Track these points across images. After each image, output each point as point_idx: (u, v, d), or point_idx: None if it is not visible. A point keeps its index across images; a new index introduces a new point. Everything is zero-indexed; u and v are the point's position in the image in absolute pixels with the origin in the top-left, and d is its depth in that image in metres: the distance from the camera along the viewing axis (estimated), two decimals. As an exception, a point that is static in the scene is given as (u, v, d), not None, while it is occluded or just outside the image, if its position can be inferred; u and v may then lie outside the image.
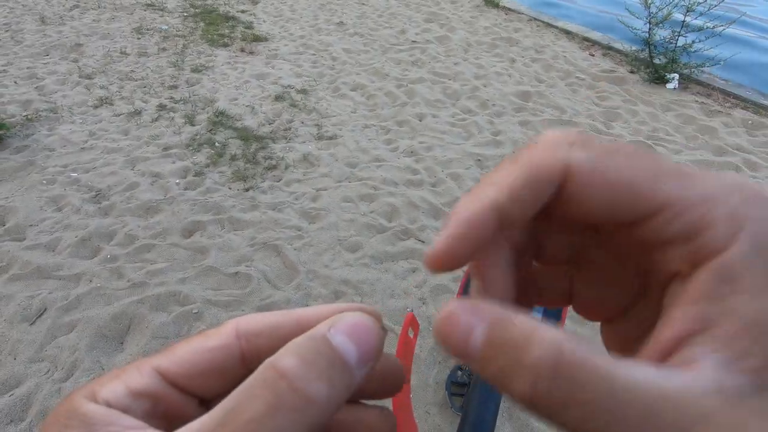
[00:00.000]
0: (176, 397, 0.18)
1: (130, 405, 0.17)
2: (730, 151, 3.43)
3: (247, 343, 0.19)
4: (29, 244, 2.43)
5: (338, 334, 0.16)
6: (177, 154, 3.20)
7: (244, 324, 0.19)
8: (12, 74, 4.05)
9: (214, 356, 0.18)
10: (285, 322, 0.19)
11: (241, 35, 5.16)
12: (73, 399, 0.17)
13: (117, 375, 0.18)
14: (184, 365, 0.18)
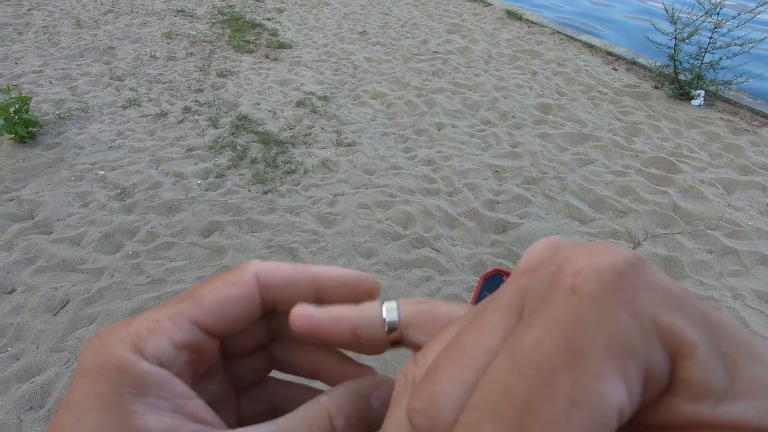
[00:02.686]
0: (206, 342, 0.20)
1: (176, 359, 0.18)
2: (756, 170, 3.34)
3: (266, 292, 0.20)
4: (56, 237, 2.52)
5: (378, 401, 0.19)
6: (200, 156, 3.28)
7: (264, 274, 0.20)
8: (48, 75, 4.22)
9: (241, 305, 0.20)
10: (301, 279, 0.21)
11: (266, 42, 5.27)
12: (117, 349, 0.17)
13: (158, 327, 0.18)
14: (215, 315, 0.19)
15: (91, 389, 0.16)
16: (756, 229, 2.79)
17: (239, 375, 0.24)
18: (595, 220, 2.86)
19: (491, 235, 2.72)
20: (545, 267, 0.15)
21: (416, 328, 0.19)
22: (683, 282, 2.44)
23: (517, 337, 0.14)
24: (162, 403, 0.17)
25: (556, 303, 0.13)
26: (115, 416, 0.16)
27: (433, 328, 0.19)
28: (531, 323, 0.13)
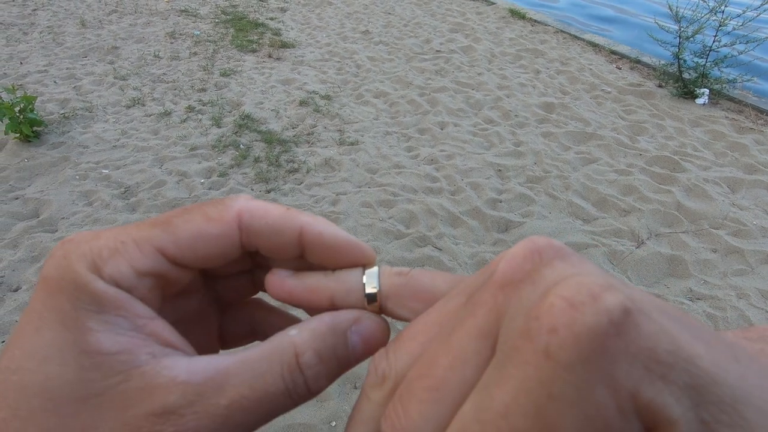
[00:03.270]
0: (176, 272, 0.18)
1: (136, 285, 0.17)
2: (761, 169, 3.32)
3: (247, 235, 0.19)
4: (61, 235, 2.53)
5: (356, 336, 0.18)
6: (203, 155, 3.29)
7: (248, 217, 0.19)
8: (52, 74, 4.24)
9: (216, 243, 0.18)
10: (287, 229, 0.19)
11: (269, 41, 5.28)
12: (77, 265, 0.16)
13: (116, 249, 0.17)
14: (184, 248, 0.18)
15: (50, 302, 0.16)
16: (761, 228, 2.77)
17: (222, 294, 0.22)
18: (599, 219, 2.85)
19: (494, 233, 2.71)
20: (524, 290, 0.14)
21: (396, 301, 0.19)
22: (687, 282, 2.43)
23: (487, 391, 0.13)
24: (120, 321, 0.16)
25: (529, 363, 0.12)
26: (71, 331, 0.15)
27: (414, 302, 0.18)
28: (502, 377, 0.13)
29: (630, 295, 0.13)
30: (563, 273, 0.13)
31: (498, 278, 0.14)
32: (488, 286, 0.15)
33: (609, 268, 2.49)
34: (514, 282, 0.14)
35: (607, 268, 2.49)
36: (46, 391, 0.15)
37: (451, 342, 0.15)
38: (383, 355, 0.17)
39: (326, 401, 1.78)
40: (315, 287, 0.19)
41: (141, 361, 0.15)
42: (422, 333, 0.16)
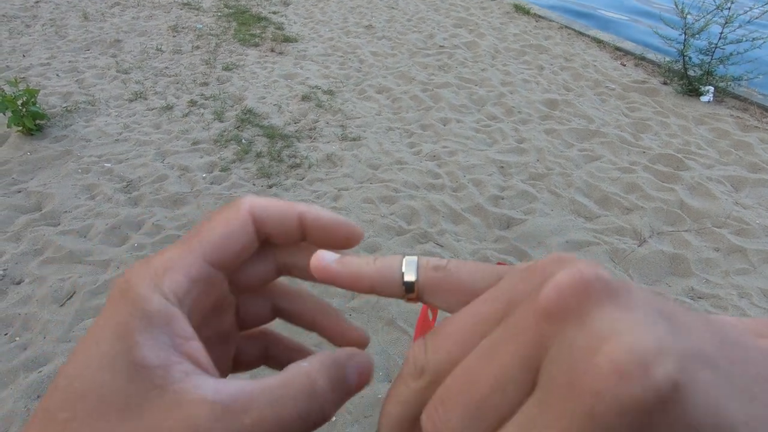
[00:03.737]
0: (216, 275, 0.22)
1: (190, 291, 0.20)
2: (765, 167, 3.30)
3: (260, 225, 0.23)
4: (63, 229, 2.54)
5: (353, 369, 0.21)
6: (205, 149, 3.29)
7: (257, 209, 0.23)
8: (55, 67, 4.24)
9: (239, 238, 0.22)
10: (289, 216, 0.23)
11: (272, 36, 5.26)
12: (138, 285, 0.19)
13: (174, 264, 0.20)
14: (220, 249, 0.21)
15: (110, 317, 0.18)
16: (764, 227, 2.76)
17: (246, 317, 0.26)
18: (601, 217, 2.84)
19: (495, 230, 2.71)
20: (570, 329, 0.14)
21: (432, 293, 0.20)
22: (689, 280, 2.42)
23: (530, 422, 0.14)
24: (165, 338, 0.18)
25: (572, 413, 0.13)
26: (122, 343, 0.17)
27: (451, 296, 0.20)
28: (545, 421, 0.13)
29: (683, 354, 0.13)
30: (613, 323, 0.13)
31: (543, 306, 0.14)
32: (532, 311, 0.15)
33: (611, 266, 2.49)
34: (559, 315, 0.14)
35: (609, 266, 2.48)
36: (99, 396, 0.17)
37: (494, 363, 0.15)
38: (421, 348, 0.18)
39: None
40: (357, 275, 0.21)
41: (175, 378, 0.17)
42: (459, 333, 0.17)
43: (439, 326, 0.18)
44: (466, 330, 0.17)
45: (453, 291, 0.20)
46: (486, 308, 0.17)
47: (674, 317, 0.14)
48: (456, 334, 0.17)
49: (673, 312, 0.14)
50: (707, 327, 0.14)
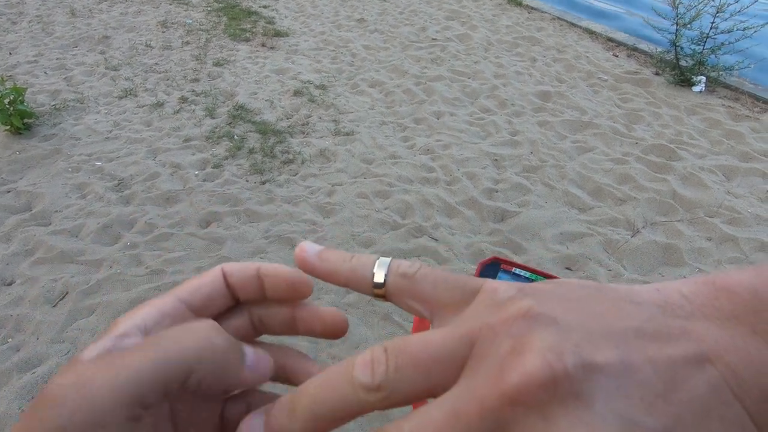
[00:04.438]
0: (189, 315, 0.24)
1: (159, 320, 0.23)
2: (757, 157, 3.33)
3: (228, 278, 0.25)
4: (54, 229, 2.51)
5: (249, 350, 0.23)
6: (197, 146, 3.27)
7: (227, 268, 0.26)
8: (42, 65, 4.18)
9: (211, 286, 0.25)
10: (250, 268, 0.25)
11: (263, 30, 5.21)
12: (119, 319, 0.23)
13: (150, 303, 0.24)
14: (192, 293, 0.24)
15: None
16: (755, 216, 2.78)
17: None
18: (594, 208, 2.85)
19: (490, 223, 2.71)
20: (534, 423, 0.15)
21: (397, 297, 0.22)
22: (681, 270, 2.44)
23: None
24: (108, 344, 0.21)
25: None
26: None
27: (413, 303, 0.21)
28: None
29: None
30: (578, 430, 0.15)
31: (510, 391, 0.16)
32: (498, 391, 0.16)
33: (604, 257, 2.50)
34: (525, 404, 0.15)
35: (603, 257, 2.50)
36: None
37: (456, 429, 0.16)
38: (382, 359, 0.18)
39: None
40: (333, 270, 0.23)
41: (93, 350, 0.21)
42: (423, 365, 0.18)
43: (405, 342, 0.19)
44: (432, 364, 0.18)
45: (416, 299, 0.21)
46: (453, 345, 0.18)
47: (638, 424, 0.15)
48: (422, 366, 0.18)
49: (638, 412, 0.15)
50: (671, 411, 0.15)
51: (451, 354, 0.18)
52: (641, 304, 0.18)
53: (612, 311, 0.18)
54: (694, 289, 0.18)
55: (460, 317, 0.19)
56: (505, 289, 0.19)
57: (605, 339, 0.16)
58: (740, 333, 0.16)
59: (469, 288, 0.20)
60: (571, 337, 0.16)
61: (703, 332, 0.17)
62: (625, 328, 0.17)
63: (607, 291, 0.19)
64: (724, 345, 0.16)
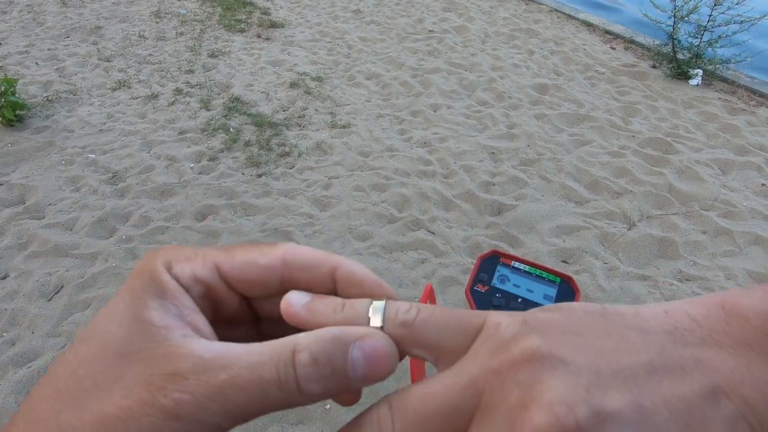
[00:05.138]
0: (224, 290, 0.23)
1: (191, 286, 0.22)
2: (753, 150, 3.34)
3: (288, 271, 0.23)
4: (48, 222, 2.49)
5: (358, 351, 0.19)
6: (192, 139, 3.24)
7: (291, 255, 0.23)
8: (33, 55, 4.11)
9: (261, 272, 0.23)
10: (324, 266, 0.23)
11: (258, 21, 5.15)
12: (156, 263, 0.22)
13: (189, 257, 0.22)
14: (236, 270, 0.23)
15: (131, 284, 0.21)
16: (750, 209, 2.80)
17: (263, 334, 0.27)
18: (591, 202, 2.86)
19: (487, 217, 2.71)
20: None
21: (399, 347, 0.20)
22: (677, 263, 2.45)
23: None
24: (171, 307, 0.20)
25: None
26: (135, 304, 0.20)
27: (416, 350, 0.20)
28: None
29: None
30: None
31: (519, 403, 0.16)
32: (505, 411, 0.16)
33: (600, 250, 2.51)
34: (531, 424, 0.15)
35: (599, 250, 2.51)
36: (102, 343, 0.19)
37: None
38: (387, 418, 0.18)
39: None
40: (325, 323, 0.21)
41: (174, 337, 0.19)
42: (431, 422, 0.18)
43: (409, 399, 0.18)
44: (438, 420, 0.18)
45: (418, 346, 0.20)
46: (457, 398, 0.18)
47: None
48: (429, 424, 0.18)
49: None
50: None
51: (456, 408, 0.18)
52: (650, 333, 0.17)
53: (621, 345, 0.17)
54: (704, 311, 0.18)
55: (464, 361, 0.19)
56: (508, 323, 0.19)
57: (616, 381, 0.16)
58: (754, 362, 0.16)
59: (472, 328, 0.20)
60: (580, 382, 0.16)
61: (716, 362, 0.16)
62: (636, 366, 0.16)
63: (613, 317, 0.18)
64: (739, 377, 0.16)
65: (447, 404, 0.18)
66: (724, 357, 0.16)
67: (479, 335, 0.19)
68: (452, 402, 0.18)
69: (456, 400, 0.18)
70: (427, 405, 0.18)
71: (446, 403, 0.18)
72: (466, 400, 0.18)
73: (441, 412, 0.18)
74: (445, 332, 0.20)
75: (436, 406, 0.18)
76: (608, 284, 2.30)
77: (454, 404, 0.18)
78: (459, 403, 0.18)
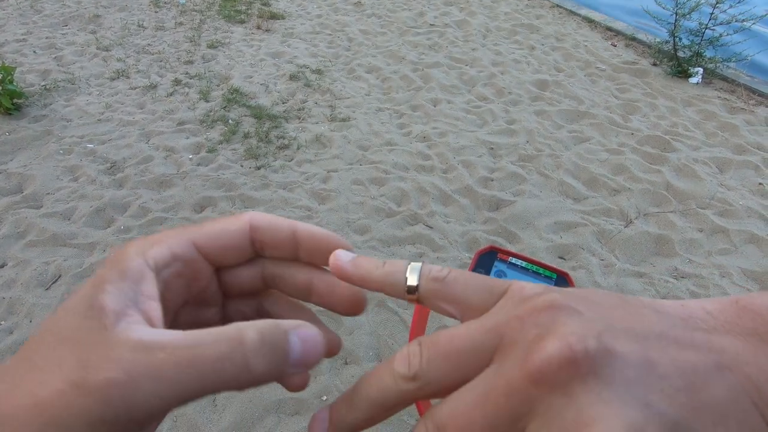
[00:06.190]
0: (201, 263, 0.24)
1: (170, 263, 0.23)
2: (751, 149, 3.35)
3: (255, 233, 0.25)
4: (46, 211, 2.49)
5: (295, 336, 0.21)
6: (191, 130, 3.23)
7: (257, 220, 0.25)
8: (31, 44, 4.08)
9: (233, 237, 0.25)
10: (284, 227, 0.25)
11: (258, 12, 5.12)
12: (129, 249, 0.22)
13: (164, 240, 0.23)
14: (211, 239, 0.24)
15: (98, 273, 0.21)
16: (747, 208, 2.82)
17: (230, 316, 0.28)
18: (589, 198, 2.87)
19: (485, 212, 2.72)
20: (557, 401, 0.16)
21: (430, 300, 0.23)
22: (673, 260, 2.47)
23: None
24: (130, 293, 0.20)
25: None
26: (94, 291, 0.20)
27: (445, 304, 0.22)
28: None
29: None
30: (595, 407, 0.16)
31: (533, 372, 0.17)
32: (523, 372, 0.17)
33: (597, 246, 2.53)
34: (548, 384, 0.16)
35: (596, 246, 2.52)
36: (52, 329, 0.19)
37: (488, 412, 0.18)
38: (417, 352, 0.20)
39: (317, 376, 1.81)
40: (367, 277, 0.24)
41: (122, 323, 0.19)
42: (455, 356, 0.19)
43: (437, 336, 0.20)
44: (462, 354, 0.19)
45: (447, 301, 0.22)
46: (481, 338, 0.19)
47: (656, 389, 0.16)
48: (453, 357, 0.19)
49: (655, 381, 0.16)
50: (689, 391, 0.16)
51: (479, 345, 0.19)
52: (664, 314, 0.18)
53: (635, 316, 0.18)
54: (718, 306, 0.19)
55: (490, 313, 0.20)
56: (532, 287, 0.20)
57: (628, 334, 0.17)
58: (762, 350, 0.17)
59: (498, 288, 0.21)
60: (594, 326, 0.17)
61: (725, 345, 0.17)
62: (647, 330, 0.17)
63: (631, 300, 0.20)
64: (746, 358, 0.17)
65: (471, 342, 0.19)
66: (733, 341, 0.17)
67: (505, 295, 0.21)
68: (476, 340, 0.19)
69: (480, 339, 0.19)
70: (453, 342, 0.19)
71: (471, 341, 0.19)
72: (489, 339, 0.19)
73: (466, 349, 0.19)
74: (472, 290, 0.22)
75: (461, 343, 0.19)
76: (604, 281, 2.32)
77: (478, 342, 0.19)
78: (482, 341, 0.19)
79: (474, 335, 0.19)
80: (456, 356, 0.19)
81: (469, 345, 0.19)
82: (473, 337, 0.19)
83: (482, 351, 0.19)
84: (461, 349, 0.19)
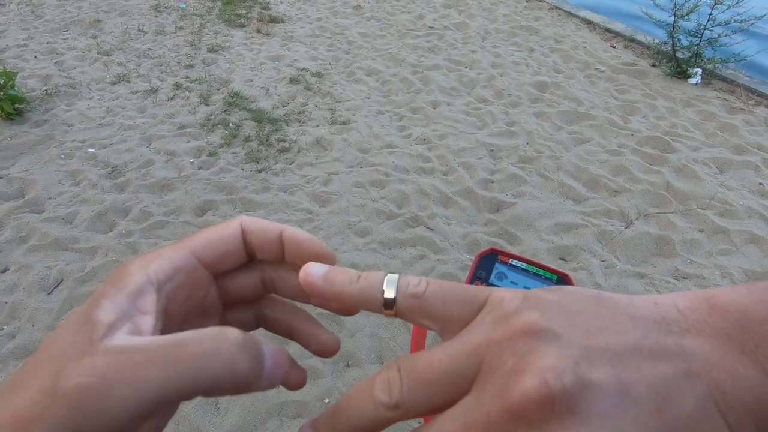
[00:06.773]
0: (201, 271, 0.25)
1: (171, 276, 0.23)
2: (750, 150, 3.35)
3: (246, 236, 0.26)
4: (48, 216, 2.49)
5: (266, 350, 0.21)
6: (192, 134, 3.24)
7: (247, 223, 0.26)
8: (32, 49, 4.10)
9: (227, 242, 0.25)
10: (271, 232, 0.26)
11: (258, 16, 5.14)
12: (130, 266, 0.22)
13: (164, 254, 0.24)
14: (207, 248, 0.25)
15: (99, 291, 0.21)
16: (747, 208, 2.82)
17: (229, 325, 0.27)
18: (589, 200, 2.87)
19: (485, 214, 2.73)
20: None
21: (408, 316, 0.22)
22: (673, 261, 2.47)
23: None
24: (126, 307, 0.20)
25: None
26: (90, 306, 0.20)
27: (424, 320, 0.22)
28: None
29: None
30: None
31: (512, 408, 0.17)
32: (502, 407, 0.17)
33: (598, 248, 2.53)
34: (525, 420, 0.17)
35: (597, 248, 2.52)
36: (50, 346, 0.19)
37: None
38: (396, 379, 0.20)
39: (319, 379, 1.81)
40: (340, 293, 0.23)
41: (115, 335, 0.19)
42: (436, 383, 0.19)
43: (416, 362, 0.20)
44: (442, 381, 0.19)
45: (426, 317, 0.22)
46: (461, 363, 0.19)
47: None
48: (434, 384, 0.19)
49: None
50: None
51: (459, 372, 0.19)
52: (638, 319, 0.19)
53: (611, 326, 0.19)
54: (690, 305, 0.19)
55: (468, 331, 0.20)
56: (511, 298, 0.20)
57: (603, 357, 0.17)
58: (730, 351, 0.17)
59: (477, 299, 0.21)
60: (571, 354, 0.17)
61: (696, 349, 0.18)
62: (622, 345, 0.18)
63: (607, 302, 0.20)
64: (714, 362, 0.17)
65: (451, 369, 0.19)
66: (703, 344, 0.18)
67: (483, 308, 0.21)
68: (456, 367, 0.19)
69: (459, 366, 0.19)
70: (433, 369, 0.19)
71: (450, 367, 0.19)
72: (468, 366, 0.19)
73: (445, 376, 0.19)
74: (451, 304, 0.21)
75: (441, 369, 0.19)
76: (605, 282, 2.32)
77: (458, 369, 0.19)
78: (462, 368, 0.19)
79: (454, 361, 0.19)
80: (437, 383, 0.19)
81: (449, 370, 0.19)
82: (452, 362, 0.19)
83: (462, 377, 0.19)
84: (441, 375, 0.19)
